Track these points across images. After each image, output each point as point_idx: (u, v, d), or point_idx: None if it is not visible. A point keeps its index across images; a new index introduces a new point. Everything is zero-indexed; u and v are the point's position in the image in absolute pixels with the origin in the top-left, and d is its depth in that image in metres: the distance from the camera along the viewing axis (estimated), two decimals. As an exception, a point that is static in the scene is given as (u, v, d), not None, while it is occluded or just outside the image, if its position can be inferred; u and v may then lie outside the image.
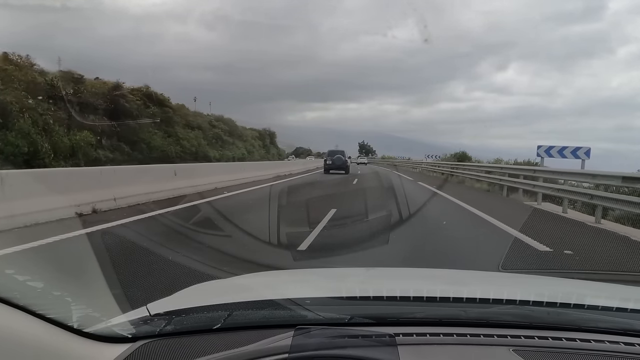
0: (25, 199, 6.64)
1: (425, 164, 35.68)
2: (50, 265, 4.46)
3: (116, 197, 8.84)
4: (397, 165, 50.25)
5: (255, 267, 4.20)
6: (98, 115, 23.46)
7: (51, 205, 6.96)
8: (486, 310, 1.28)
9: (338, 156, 28.82)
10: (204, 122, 39.18)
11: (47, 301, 1.12)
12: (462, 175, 21.63)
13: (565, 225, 8.88)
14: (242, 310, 1.28)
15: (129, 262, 4.61)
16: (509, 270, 3.88)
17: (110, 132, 24.27)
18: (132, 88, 29.77)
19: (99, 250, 4.89)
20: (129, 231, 6.42)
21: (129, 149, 25.35)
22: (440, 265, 4.80)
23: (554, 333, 1.16)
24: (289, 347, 1.03)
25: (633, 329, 1.20)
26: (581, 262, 5.33)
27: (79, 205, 7.63)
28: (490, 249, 6.06)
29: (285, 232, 6.37)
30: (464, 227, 8.22)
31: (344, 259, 4.94)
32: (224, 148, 40.91)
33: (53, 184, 7.64)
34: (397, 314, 1.28)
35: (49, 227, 6.27)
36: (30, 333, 0.98)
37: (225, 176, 15.48)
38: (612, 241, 7.16)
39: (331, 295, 1.45)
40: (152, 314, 1.25)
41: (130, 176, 10.15)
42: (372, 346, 1.06)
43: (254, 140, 53.32)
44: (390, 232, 6.27)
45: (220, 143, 40.62)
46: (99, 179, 8.90)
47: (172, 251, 4.84)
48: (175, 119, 32.68)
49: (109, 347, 1.10)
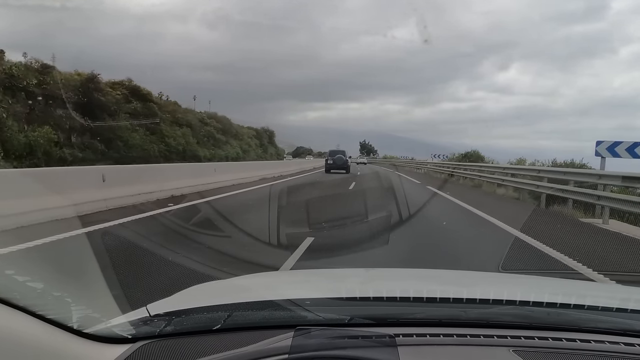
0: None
1: (432, 164, 33.20)
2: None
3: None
4: (399, 165, 47.47)
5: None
6: (67, 110, 20.71)
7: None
8: (486, 310, 1.28)
9: (339, 156, 29.45)
10: (194, 119, 37.06)
11: (47, 302, 1.12)
12: (477, 179, 18.88)
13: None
14: (242, 311, 1.28)
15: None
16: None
17: (82, 129, 21.80)
18: (113, 81, 27.47)
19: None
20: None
21: (104, 147, 23.29)
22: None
23: (554, 333, 1.16)
24: (289, 347, 1.03)
25: (633, 329, 1.20)
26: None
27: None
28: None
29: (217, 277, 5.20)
30: (531, 265, 5.25)
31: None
32: (217, 147, 39.10)
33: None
34: (397, 315, 1.28)
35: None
36: (30, 334, 0.98)
37: (190, 180, 12.47)
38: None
39: (331, 296, 1.45)
40: (152, 314, 1.25)
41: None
42: (372, 347, 1.06)
43: (251, 139, 51.93)
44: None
45: (212, 142, 38.93)
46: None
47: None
48: (162, 115, 30.27)
49: (108, 348, 1.10)
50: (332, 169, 28.70)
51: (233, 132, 45.73)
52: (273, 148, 64.22)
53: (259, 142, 55.80)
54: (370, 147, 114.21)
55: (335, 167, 28.70)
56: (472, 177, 19.96)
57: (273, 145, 65.75)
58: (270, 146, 63.07)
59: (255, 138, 55.29)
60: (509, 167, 16.66)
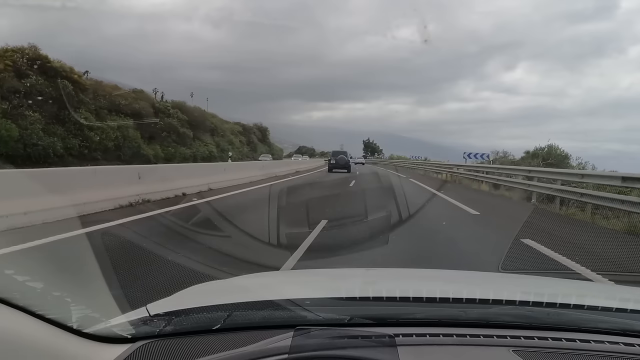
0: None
1: (465, 168, 21.99)
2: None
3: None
4: (409, 168, 37.50)
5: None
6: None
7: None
8: (486, 310, 1.28)
9: (341, 156, 30.85)
10: (146, 108, 29.01)
11: (46, 301, 1.13)
12: (577, 200, 10.39)
13: None
14: (241, 310, 1.28)
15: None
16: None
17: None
18: (6, 48, 21.27)
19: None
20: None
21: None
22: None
23: (554, 333, 1.16)
24: (289, 347, 1.03)
25: (633, 329, 1.20)
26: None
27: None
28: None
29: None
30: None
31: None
32: (180, 143, 32.10)
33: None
34: (397, 315, 1.28)
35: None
36: (30, 333, 0.98)
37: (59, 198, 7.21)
38: None
39: (331, 296, 1.45)
40: (152, 314, 1.25)
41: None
42: (372, 347, 1.06)
43: (234, 136, 45.14)
44: None
45: (175, 137, 31.92)
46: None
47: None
48: (84, 98, 22.78)
49: (108, 348, 1.10)
50: (334, 169, 29.62)
51: (208, 127, 38.49)
52: (266, 147, 57.34)
53: (245, 139, 49.25)
54: (375, 146, 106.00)
55: (337, 166, 29.81)
56: (564, 197, 11.03)
57: (267, 143, 59.31)
58: (262, 144, 56.36)
59: (241, 135, 48.26)
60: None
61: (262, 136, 59.44)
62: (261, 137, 58.96)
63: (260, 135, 58.53)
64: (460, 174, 22.12)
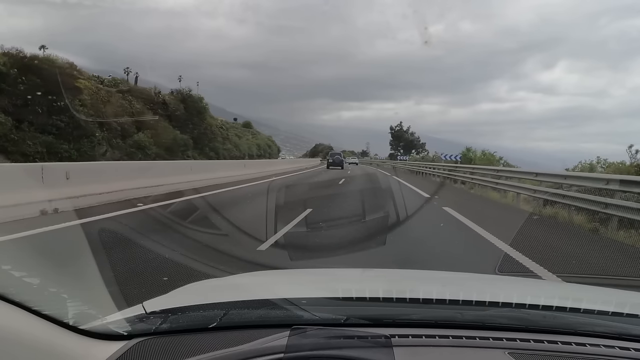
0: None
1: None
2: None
3: None
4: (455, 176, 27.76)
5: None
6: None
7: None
8: (482, 312, 1.28)
9: (337, 157, 41.65)
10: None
11: (42, 298, 1.12)
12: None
13: None
14: (238, 309, 1.28)
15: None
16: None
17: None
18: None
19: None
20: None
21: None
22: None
23: (550, 336, 1.16)
24: (285, 347, 1.03)
25: (629, 333, 1.20)
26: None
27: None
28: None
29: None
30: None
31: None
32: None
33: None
34: (393, 315, 1.28)
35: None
36: (26, 330, 0.98)
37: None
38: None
39: (327, 296, 1.45)
40: (148, 311, 1.24)
41: None
42: (368, 347, 1.06)
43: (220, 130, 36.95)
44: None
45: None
46: None
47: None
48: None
49: (104, 345, 1.09)
50: (331, 166, 39.05)
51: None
52: (253, 141, 47.47)
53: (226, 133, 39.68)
54: (411, 136, 78.10)
55: (333, 164, 39.35)
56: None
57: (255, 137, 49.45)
58: (251, 136, 46.43)
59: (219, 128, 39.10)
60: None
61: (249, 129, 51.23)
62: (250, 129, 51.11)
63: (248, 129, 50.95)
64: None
